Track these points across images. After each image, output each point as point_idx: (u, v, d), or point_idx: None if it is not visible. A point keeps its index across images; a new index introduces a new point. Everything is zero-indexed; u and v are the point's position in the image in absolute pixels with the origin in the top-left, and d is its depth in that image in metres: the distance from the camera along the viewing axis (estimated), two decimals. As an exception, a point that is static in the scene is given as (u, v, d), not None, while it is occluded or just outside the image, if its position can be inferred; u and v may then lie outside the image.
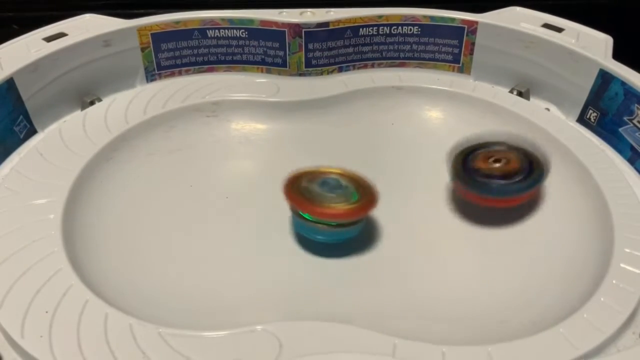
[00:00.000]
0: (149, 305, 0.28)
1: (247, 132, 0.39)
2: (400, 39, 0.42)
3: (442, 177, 0.36)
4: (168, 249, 0.31)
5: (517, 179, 0.31)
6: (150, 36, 0.40)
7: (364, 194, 0.31)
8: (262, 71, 0.43)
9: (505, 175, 0.31)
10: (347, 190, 0.31)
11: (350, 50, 0.42)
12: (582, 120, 0.39)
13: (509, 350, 0.25)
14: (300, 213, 0.30)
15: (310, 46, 0.41)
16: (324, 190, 0.30)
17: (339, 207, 0.30)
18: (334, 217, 0.30)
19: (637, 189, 0.33)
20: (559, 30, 0.40)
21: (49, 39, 0.38)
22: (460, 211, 0.34)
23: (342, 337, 0.25)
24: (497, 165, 0.32)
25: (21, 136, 0.37)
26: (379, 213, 0.34)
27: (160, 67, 0.42)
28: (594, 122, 0.39)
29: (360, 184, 0.31)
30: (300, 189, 0.30)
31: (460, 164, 0.33)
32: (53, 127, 0.38)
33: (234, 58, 0.42)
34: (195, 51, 0.42)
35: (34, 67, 0.37)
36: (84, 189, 0.32)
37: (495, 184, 0.31)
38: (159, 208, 0.34)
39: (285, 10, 0.41)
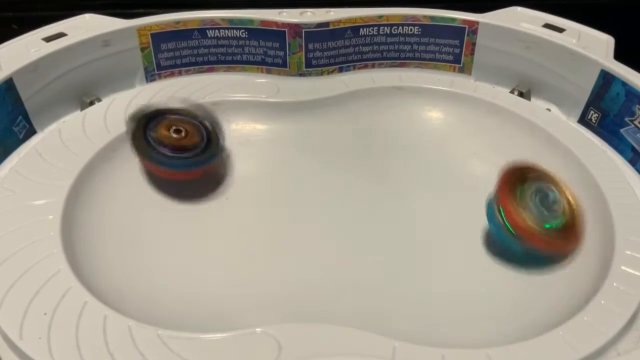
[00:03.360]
0: (148, 307, 0.28)
1: (247, 132, 0.39)
2: (401, 39, 0.42)
3: (442, 178, 0.36)
4: (167, 251, 0.31)
5: (191, 154, 0.32)
6: (150, 36, 0.40)
7: (569, 226, 0.29)
8: (262, 71, 0.42)
9: (182, 148, 0.32)
10: (558, 211, 0.29)
11: (351, 50, 0.42)
12: (583, 120, 0.39)
13: (508, 353, 0.24)
14: (502, 214, 0.29)
15: (311, 46, 0.41)
16: (539, 202, 0.29)
17: (538, 230, 0.29)
18: (530, 241, 0.29)
19: (638, 190, 0.33)
20: (560, 30, 0.40)
21: (49, 39, 0.38)
22: (460, 212, 0.34)
23: (342, 340, 0.25)
24: (176, 135, 0.32)
25: (20, 136, 0.37)
26: (378, 213, 0.34)
27: (160, 67, 0.41)
28: (595, 123, 0.38)
29: (571, 212, 0.30)
30: (518, 189, 0.29)
31: (142, 129, 0.33)
32: (52, 127, 0.38)
33: (234, 58, 0.42)
34: (195, 51, 0.42)
35: (34, 67, 0.37)
36: (84, 189, 0.32)
37: (169, 156, 0.32)
38: (158, 209, 0.33)
39: (285, 10, 0.41)
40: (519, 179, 0.30)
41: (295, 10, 0.41)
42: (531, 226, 0.29)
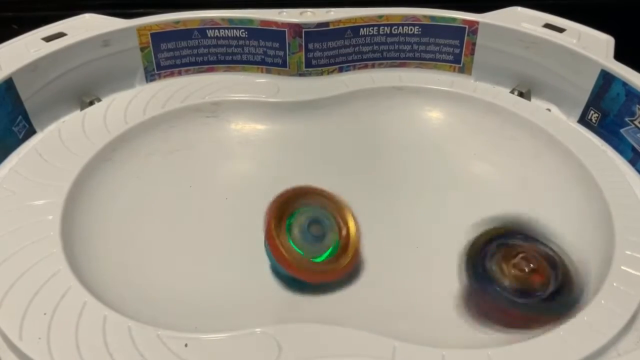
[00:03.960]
0: (147, 307, 0.28)
1: (247, 132, 0.39)
2: (401, 39, 0.42)
3: (442, 178, 0.36)
4: (167, 251, 0.31)
5: (540, 294, 0.25)
6: (149, 36, 0.40)
7: (343, 247, 0.29)
8: (262, 71, 0.42)
9: (528, 287, 0.25)
10: (328, 241, 0.28)
11: (351, 50, 0.42)
12: (583, 120, 0.39)
13: (509, 353, 0.24)
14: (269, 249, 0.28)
15: (310, 46, 0.41)
16: (308, 234, 0.28)
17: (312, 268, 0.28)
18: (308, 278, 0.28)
19: (638, 190, 0.33)
20: (560, 30, 0.40)
21: (48, 39, 0.38)
22: (460, 212, 0.34)
23: (342, 340, 0.25)
24: (521, 272, 0.25)
25: (20, 136, 0.36)
26: (379, 213, 0.34)
27: (159, 67, 0.41)
28: (595, 123, 0.38)
29: (345, 239, 0.29)
30: (287, 222, 0.28)
31: (477, 257, 0.26)
32: (52, 127, 0.38)
33: (234, 58, 0.42)
34: (195, 51, 0.42)
35: (33, 67, 0.37)
36: (83, 189, 0.32)
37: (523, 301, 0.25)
38: (158, 209, 0.33)
39: (285, 10, 0.41)
40: (288, 210, 0.29)
41: (295, 10, 0.41)
42: (296, 262, 0.28)
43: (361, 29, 0.42)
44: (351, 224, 0.29)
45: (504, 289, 0.26)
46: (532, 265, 0.26)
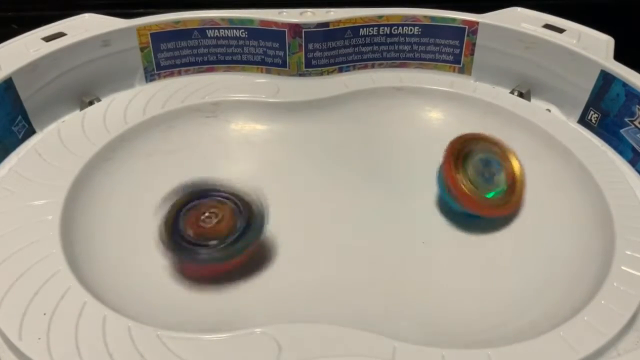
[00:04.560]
0: (147, 307, 0.28)
1: (247, 132, 0.39)
2: (401, 39, 0.42)
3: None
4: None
5: (230, 240, 0.28)
6: (149, 36, 0.40)
7: (510, 193, 0.33)
8: (262, 71, 0.42)
9: (218, 237, 0.28)
10: (500, 180, 0.32)
11: (351, 50, 0.42)
12: (583, 121, 0.39)
13: (508, 353, 0.24)
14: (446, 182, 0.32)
15: (310, 46, 0.41)
16: (482, 172, 0.32)
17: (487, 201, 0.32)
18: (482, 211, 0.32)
19: (638, 190, 0.33)
20: (560, 30, 0.40)
21: (48, 39, 0.38)
22: (459, 213, 0.34)
23: (342, 340, 0.25)
24: (208, 225, 0.28)
25: (20, 136, 0.36)
26: (379, 213, 0.34)
27: (159, 67, 0.41)
28: (595, 123, 0.38)
29: (513, 180, 0.33)
30: (463, 159, 0.32)
31: (171, 224, 0.28)
32: (52, 127, 0.38)
33: (234, 58, 0.42)
34: (195, 51, 0.42)
35: (33, 67, 0.37)
36: (83, 189, 0.32)
37: (204, 253, 0.28)
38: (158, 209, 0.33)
39: (285, 10, 0.41)
40: (464, 149, 0.32)
41: (295, 10, 0.41)
42: (472, 195, 0.31)
43: (361, 29, 0.42)
44: (515, 165, 0.33)
45: (204, 249, 0.28)
46: (218, 217, 0.28)
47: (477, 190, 0.32)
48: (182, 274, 0.29)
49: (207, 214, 0.28)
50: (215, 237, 0.28)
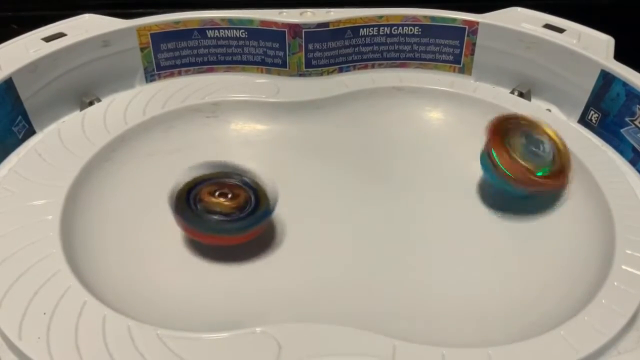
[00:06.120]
0: (147, 306, 0.28)
1: (247, 132, 0.39)
2: (401, 39, 0.42)
3: (442, 178, 0.36)
4: (167, 251, 0.31)
5: (238, 216, 0.30)
6: (149, 36, 0.40)
7: (559, 169, 0.32)
8: (262, 71, 0.42)
9: (228, 212, 0.30)
10: (547, 158, 0.32)
11: (351, 50, 0.42)
12: (583, 121, 0.39)
13: (509, 352, 0.24)
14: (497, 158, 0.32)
15: (310, 46, 0.41)
16: (529, 150, 0.32)
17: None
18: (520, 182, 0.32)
19: (638, 190, 0.33)
20: (560, 30, 0.40)
21: (48, 39, 0.38)
22: (460, 213, 0.34)
23: (342, 339, 0.25)
24: (222, 199, 0.30)
25: (20, 136, 0.36)
26: (379, 213, 0.34)
27: (159, 68, 0.41)
28: (595, 123, 0.38)
29: (560, 156, 0.33)
30: (507, 139, 0.32)
31: (185, 195, 0.31)
32: (52, 127, 0.38)
33: (234, 58, 0.42)
34: (195, 51, 0.42)
35: (33, 67, 0.37)
36: (83, 190, 0.32)
37: (213, 220, 0.30)
38: (158, 209, 0.33)
39: (285, 10, 0.41)
40: (507, 129, 0.32)
41: (295, 10, 0.41)
42: (524, 168, 0.31)
43: (361, 29, 0.42)
44: (558, 142, 0.33)
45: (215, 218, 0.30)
46: (231, 196, 0.30)
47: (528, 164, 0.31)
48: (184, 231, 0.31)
49: (223, 191, 0.30)
50: (221, 210, 0.30)
